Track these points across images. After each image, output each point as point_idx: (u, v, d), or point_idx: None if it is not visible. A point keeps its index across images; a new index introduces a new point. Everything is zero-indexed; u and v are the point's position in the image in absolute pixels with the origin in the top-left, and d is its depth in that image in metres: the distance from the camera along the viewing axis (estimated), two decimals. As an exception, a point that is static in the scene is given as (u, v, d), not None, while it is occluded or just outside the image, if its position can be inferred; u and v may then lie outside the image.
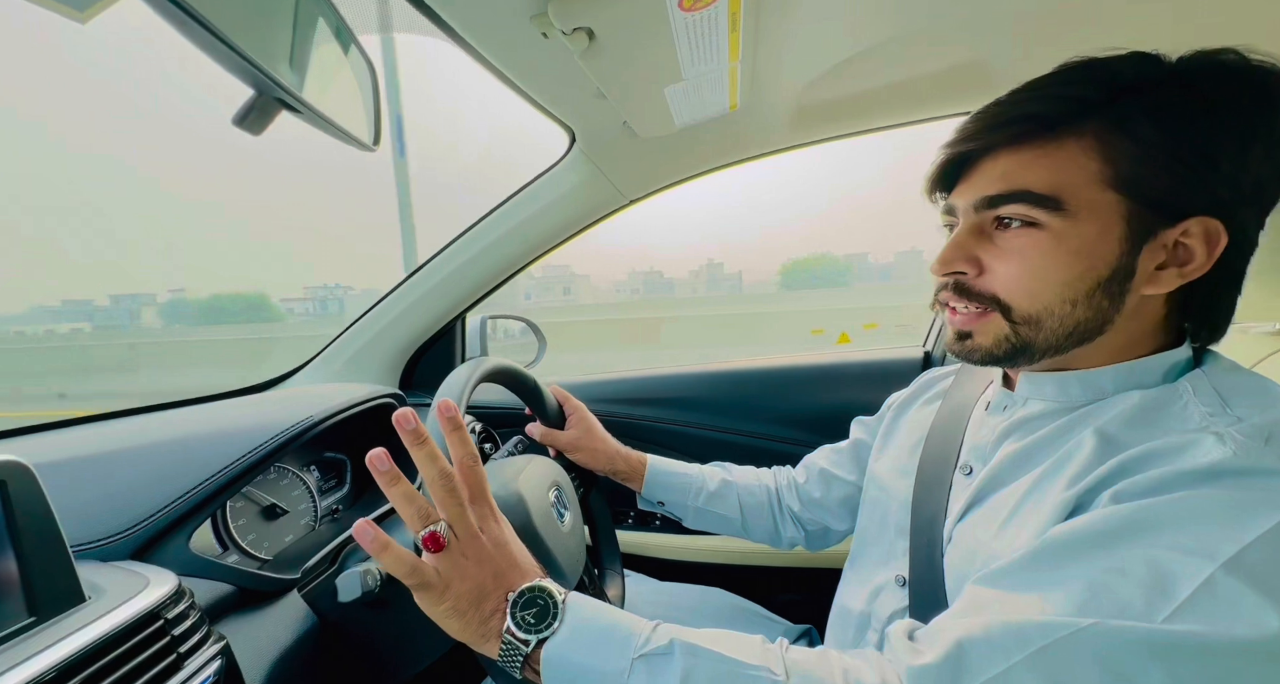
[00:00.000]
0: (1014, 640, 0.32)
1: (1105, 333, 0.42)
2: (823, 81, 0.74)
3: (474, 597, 0.40)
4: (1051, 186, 0.40)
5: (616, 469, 0.76)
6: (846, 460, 0.73)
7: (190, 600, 0.43)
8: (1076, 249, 0.40)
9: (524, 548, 0.45)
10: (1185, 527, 0.32)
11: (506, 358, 0.75)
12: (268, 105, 0.28)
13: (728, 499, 0.76)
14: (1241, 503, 0.32)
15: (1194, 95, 0.38)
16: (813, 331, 8.76)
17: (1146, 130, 0.38)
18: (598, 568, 0.79)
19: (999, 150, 0.42)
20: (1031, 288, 0.42)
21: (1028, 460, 0.44)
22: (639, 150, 0.88)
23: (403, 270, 1.08)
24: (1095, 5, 0.62)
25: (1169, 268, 0.40)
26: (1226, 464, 0.33)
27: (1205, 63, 0.39)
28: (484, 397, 1.15)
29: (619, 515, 1.21)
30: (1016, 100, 0.42)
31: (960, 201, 0.45)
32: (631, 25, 0.50)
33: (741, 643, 0.40)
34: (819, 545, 0.77)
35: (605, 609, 0.42)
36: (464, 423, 0.45)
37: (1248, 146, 0.38)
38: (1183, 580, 0.30)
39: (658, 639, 0.39)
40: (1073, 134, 0.40)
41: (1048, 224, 0.40)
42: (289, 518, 0.70)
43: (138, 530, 0.47)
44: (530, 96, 0.69)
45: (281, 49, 0.28)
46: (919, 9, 0.61)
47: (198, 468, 0.54)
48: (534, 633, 0.39)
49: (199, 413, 0.73)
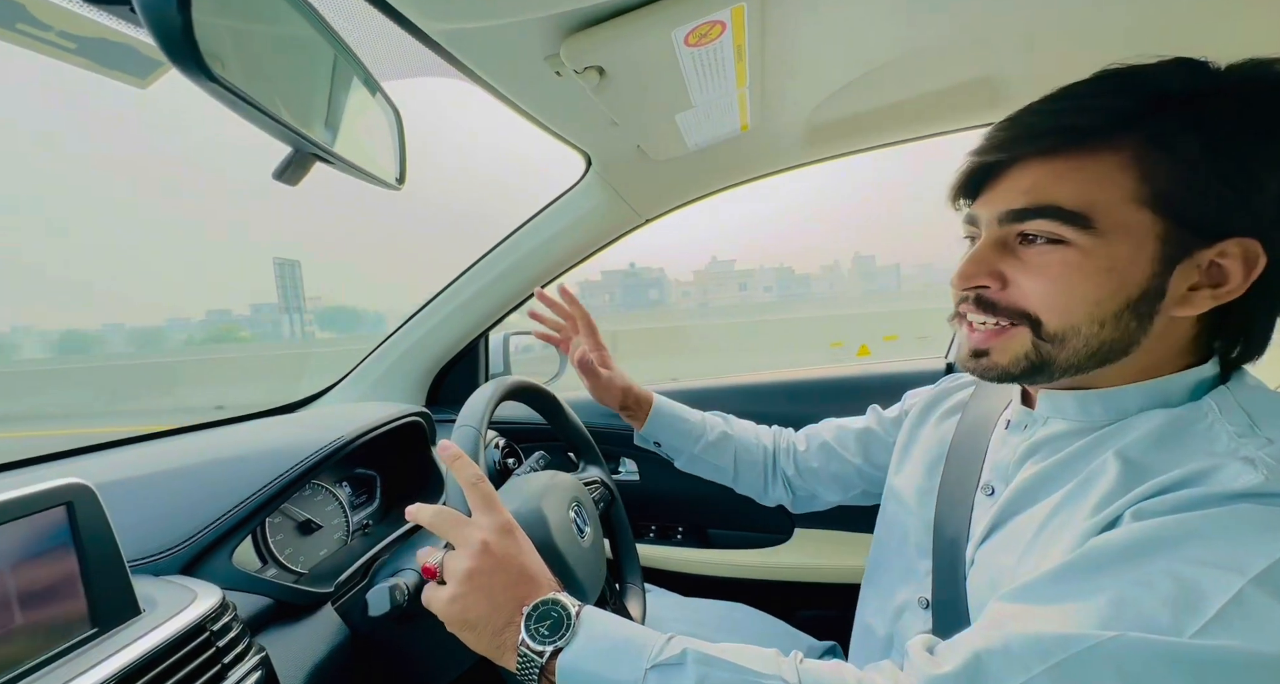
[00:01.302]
0: (1033, 653, 0.32)
1: (1129, 354, 0.41)
2: (831, 102, 0.75)
3: (484, 608, 0.42)
4: (1082, 203, 0.38)
5: (625, 404, 0.80)
6: (852, 442, 0.74)
7: (233, 613, 0.45)
8: (1106, 268, 0.38)
9: (540, 562, 0.47)
10: (1213, 542, 0.32)
11: (526, 376, 0.78)
12: (304, 160, 0.31)
13: (724, 451, 0.78)
14: (1272, 521, 0.31)
15: (1240, 108, 0.36)
16: (832, 345, 8.60)
17: (1190, 147, 0.36)
18: (619, 583, 0.80)
19: (1028, 161, 0.41)
20: (1062, 304, 0.40)
21: (1049, 483, 0.43)
22: (653, 172, 0.90)
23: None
24: (1101, 21, 0.62)
25: (1202, 289, 0.38)
26: (1257, 489, 0.32)
27: (1253, 73, 0.37)
28: (506, 412, 1.18)
29: (641, 530, 1.22)
30: (1051, 110, 0.40)
31: (984, 213, 0.43)
32: (640, 62, 0.52)
33: (755, 654, 0.40)
34: (804, 508, 0.79)
35: (620, 622, 0.43)
36: (462, 452, 0.48)
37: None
38: (1211, 595, 0.30)
39: (671, 650, 0.39)
40: (1109, 148, 0.38)
41: (1075, 242, 0.38)
42: (323, 533, 0.73)
43: (185, 546, 0.50)
44: (547, 127, 0.72)
45: (317, 111, 0.31)
46: (921, 31, 0.62)
47: (240, 486, 0.57)
48: (548, 644, 0.40)
49: (240, 432, 0.77)
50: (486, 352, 1.24)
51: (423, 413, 0.88)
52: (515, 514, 0.57)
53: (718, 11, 0.46)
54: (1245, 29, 0.64)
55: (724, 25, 0.49)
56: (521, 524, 0.56)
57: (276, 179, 0.31)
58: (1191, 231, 0.37)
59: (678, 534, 1.20)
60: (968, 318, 0.45)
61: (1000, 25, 0.63)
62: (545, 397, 0.78)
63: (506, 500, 0.60)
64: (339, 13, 0.38)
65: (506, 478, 0.89)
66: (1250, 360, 0.42)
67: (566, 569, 0.56)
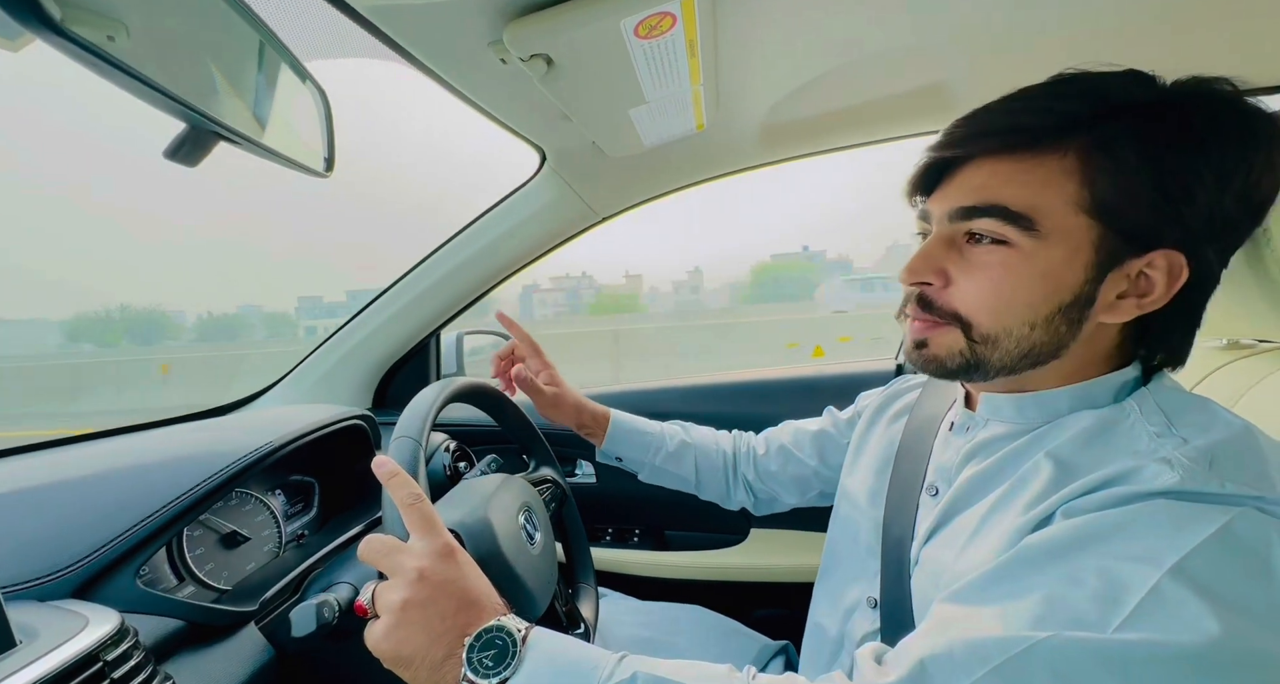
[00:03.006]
0: (974, 657, 0.33)
1: (1060, 357, 0.42)
2: (786, 103, 0.75)
3: (420, 641, 0.39)
4: (1027, 205, 0.39)
5: (582, 422, 0.79)
6: (808, 444, 0.75)
7: (134, 640, 0.41)
8: (1043, 272, 0.39)
9: (485, 584, 0.44)
10: (1133, 537, 0.33)
11: (477, 377, 0.75)
12: (202, 139, 0.28)
13: (684, 460, 0.78)
14: (1184, 514, 0.32)
15: (1180, 123, 0.37)
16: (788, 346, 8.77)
17: (1130, 155, 0.37)
18: (571, 587, 0.78)
19: (981, 159, 0.41)
20: (994, 307, 0.41)
21: (988, 483, 0.44)
22: (610, 168, 0.88)
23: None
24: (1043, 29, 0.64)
25: (1129, 298, 0.40)
26: (1173, 488, 0.34)
27: (1199, 90, 0.38)
28: (458, 413, 1.14)
29: (597, 533, 1.20)
30: (1007, 109, 0.41)
31: (936, 209, 0.44)
32: (589, 52, 0.50)
33: (706, 673, 0.39)
34: (766, 510, 0.80)
35: (569, 644, 0.41)
36: (399, 469, 0.45)
37: (1227, 183, 0.37)
38: (1132, 589, 0.31)
39: (621, 673, 0.38)
40: (1056, 151, 0.39)
41: (1018, 243, 0.40)
42: (251, 545, 0.68)
43: (79, 567, 0.45)
44: (496, 118, 0.69)
45: (211, 84, 0.27)
46: (874, 36, 0.62)
47: (148, 498, 0.52)
48: (493, 676, 0.37)
49: (155, 438, 0.71)
50: (438, 351, 1.19)
51: (365, 416, 0.83)
52: (460, 525, 0.54)
53: (667, 3, 0.45)
54: (1189, 47, 0.66)
55: (674, 18, 0.48)
56: (467, 535, 0.53)
57: (169, 158, 0.27)
58: (1125, 241, 0.39)
59: (634, 536, 1.19)
60: (910, 314, 0.46)
61: (952, 33, 0.64)
62: (492, 396, 0.75)
63: (452, 508, 0.57)
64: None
65: (457, 482, 0.85)
66: (1172, 367, 0.44)
67: (515, 580, 0.54)
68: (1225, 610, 0.29)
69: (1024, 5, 0.58)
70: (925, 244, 0.44)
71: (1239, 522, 0.31)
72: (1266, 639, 0.29)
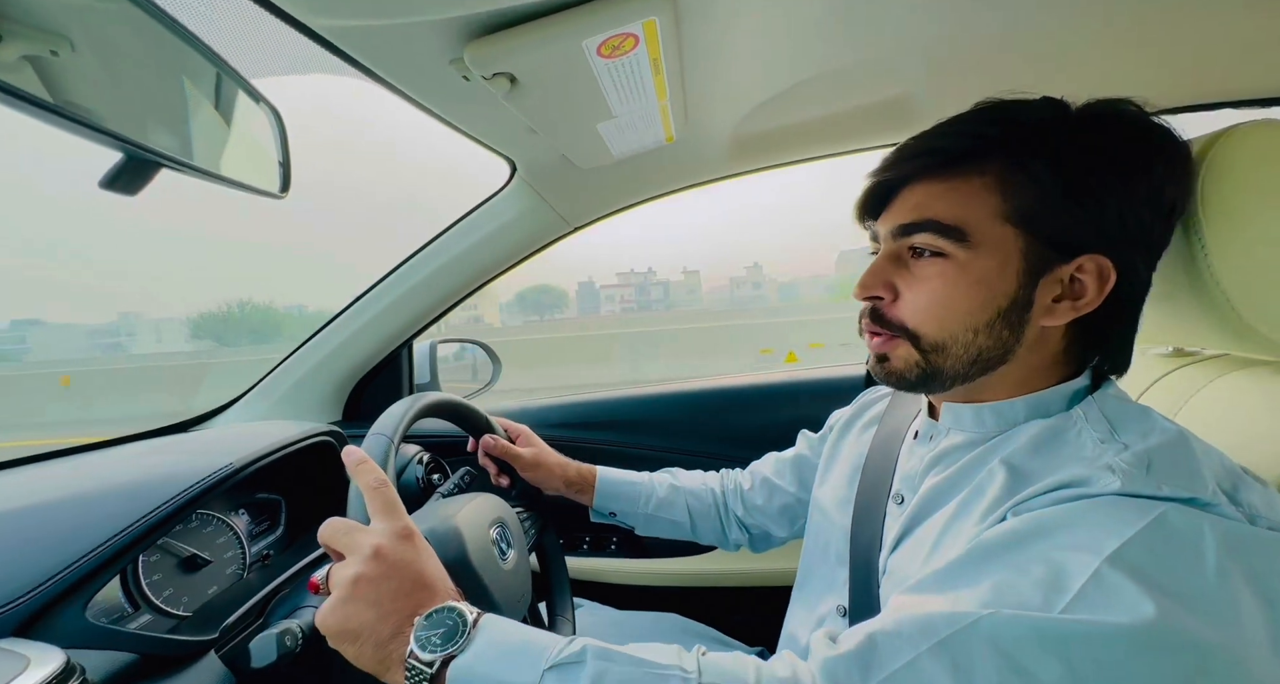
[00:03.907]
0: (920, 631, 0.34)
1: (1008, 362, 0.44)
2: (754, 116, 0.76)
3: (368, 616, 0.39)
4: (956, 218, 0.42)
5: (569, 481, 0.77)
6: (788, 471, 0.76)
7: (80, 678, 0.40)
8: (978, 279, 0.42)
9: (442, 571, 0.44)
10: (1077, 529, 0.35)
11: (447, 393, 0.74)
12: (141, 169, 0.27)
13: (676, 505, 0.77)
14: (1123, 506, 0.35)
15: (1086, 140, 0.41)
16: (761, 351, 8.85)
17: (1042, 170, 0.41)
18: (550, 617, 0.76)
19: (915, 181, 0.45)
20: (938, 315, 0.44)
21: (948, 491, 0.46)
22: (580, 179, 0.88)
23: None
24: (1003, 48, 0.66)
25: (1064, 301, 0.43)
26: (1115, 492, 0.36)
27: (1101, 110, 0.43)
28: (432, 426, 1.13)
29: (574, 541, 1.19)
30: (931, 134, 0.45)
31: (882, 228, 0.47)
32: (552, 71, 0.50)
33: (658, 649, 0.40)
34: (763, 547, 0.80)
35: (520, 628, 0.41)
36: (368, 457, 0.46)
37: (1133, 188, 0.41)
38: (1074, 575, 0.32)
39: (571, 649, 0.38)
40: (976, 170, 0.43)
41: (953, 254, 0.43)
42: (213, 568, 0.67)
43: (22, 603, 0.43)
44: (462, 131, 0.68)
45: (147, 114, 0.26)
46: (836, 52, 0.64)
47: (98, 527, 0.51)
48: (439, 651, 0.37)
49: (109, 459, 0.69)
50: (410, 361, 1.17)
51: (332, 431, 0.82)
52: (429, 533, 0.53)
53: (628, 24, 0.45)
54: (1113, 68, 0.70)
55: (637, 38, 0.48)
56: (434, 541, 0.52)
57: (106, 189, 0.26)
58: (1050, 247, 0.42)
59: (612, 544, 1.19)
60: (867, 328, 0.49)
61: (911, 49, 0.66)
62: (471, 416, 0.74)
63: (420, 520, 0.56)
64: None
65: (430, 495, 0.84)
66: (1117, 373, 0.46)
67: (481, 589, 0.53)
68: (1160, 594, 0.31)
69: (975, 24, 0.61)
70: (875, 261, 0.48)
71: (1172, 513, 0.34)
72: (1198, 622, 0.30)
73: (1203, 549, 0.32)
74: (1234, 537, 0.33)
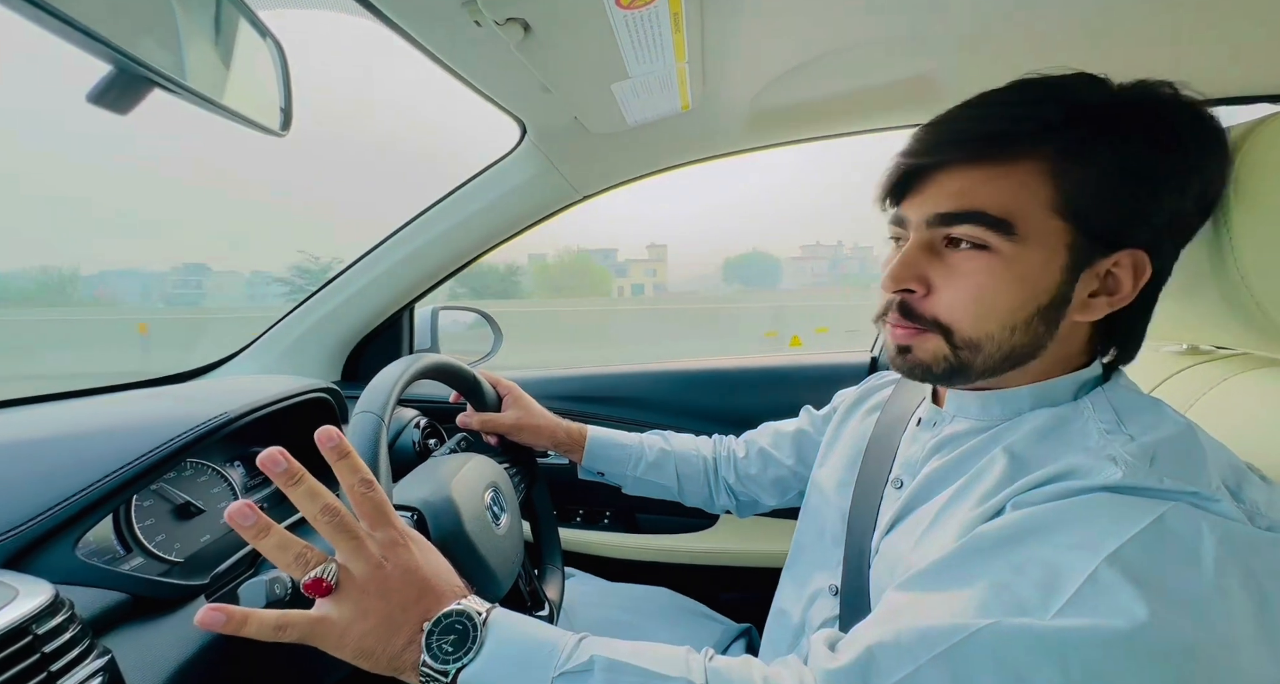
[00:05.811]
0: (920, 644, 0.33)
1: (1037, 357, 0.43)
2: (773, 87, 0.73)
3: (381, 633, 0.39)
4: (1005, 210, 0.39)
5: (558, 441, 0.77)
6: (787, 445, 0.75)
7: (69, 612, 0.40)
8: (1023, 275, 0.40)
9: (445, 568, 0.44)
10: (1074, 527, 0.34)
11: (444, 354, 0.73)
12: (132, 84, 0.25)
13: (665, 469, 0.78)
14: (1123, 507, 0.34)
15: (1149, 127, 0.38)
16: (766, 334, 8.84)
17: (1102, 158, 0.38)
18: (537, 567, 0.78)
19: (954, 165, 0.41)
20: (976, 313, 0.41)
21: (948, 477, 0.45)
22: (591, 146, 0.86)
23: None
24: (1040, 30, 0.64)
25: (1100, 296, 0.41)
26: (1115, 484, 0.35)
27: (1149, 94, 0.39)
28: (428, 389, 1.13)
29: (568, 513, 1.20)
30: (977, 116, 0.41)
31: (912, 215, 0.44)
32: (568, 18, 0.48)
33: (665, 654, 0.40)
34: (748, 513, 0.81)
35: (528, 626, 0.41)
36: (350, 449, 0.42)
37: (1188, 183, 0.39)
38: (1071, 576, 0.32)
39: (579, 656, 0.38)
40: (1030, 156, 0.39)
41: (998, 248, 0.40)
42: (206, 517, 0.67)
43: (11, 536, 0.43)
44: (473, 85, 0.66)
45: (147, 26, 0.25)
46: (862, 24, 0.61)
47: (91, 466, 0.50)
48: (452, 663, 0.37)
49: (106, 403, 0.69)
50: (411, 325, 1.17)
51: (330, 389, 0.81)
52: (424, 504, 0.53)
53: (652, -29, 0.43)
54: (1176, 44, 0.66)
55: (659, -13, 0.46)
56: (430, 515, 0.53)
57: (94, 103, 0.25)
58: (1095, 241, 0.39)
59: (606, 518, 1.19)
60: (887, 319, 0.46)
61: (941, 25, 0.63)
62: (463, 377, 0.74)
63: (416, 487, 0.56)
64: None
65: (427, 458, 0.84)
66: (1125, 363, 0.45)
67: (478, 560, 0.53)
68: (1154, 597, 0.30)
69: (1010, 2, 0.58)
70: (905, 251, 0.44)
71: (1171, 514, 0.33)
72: (1192, 626, 0.30)
73: (1200, 551, 0.32)
74: (1232, 537, 0.32)
